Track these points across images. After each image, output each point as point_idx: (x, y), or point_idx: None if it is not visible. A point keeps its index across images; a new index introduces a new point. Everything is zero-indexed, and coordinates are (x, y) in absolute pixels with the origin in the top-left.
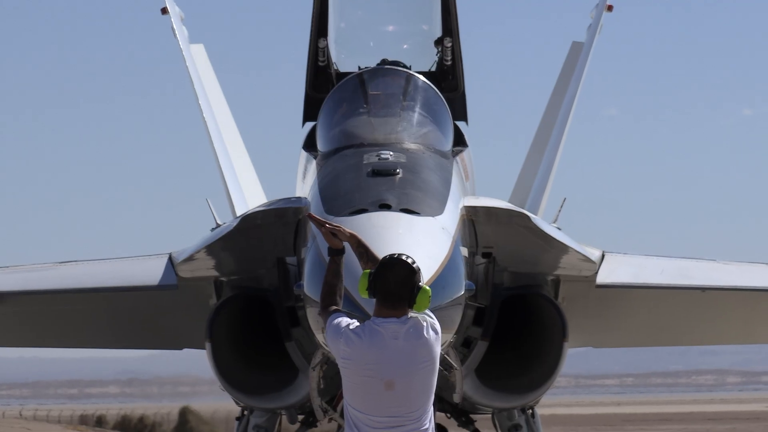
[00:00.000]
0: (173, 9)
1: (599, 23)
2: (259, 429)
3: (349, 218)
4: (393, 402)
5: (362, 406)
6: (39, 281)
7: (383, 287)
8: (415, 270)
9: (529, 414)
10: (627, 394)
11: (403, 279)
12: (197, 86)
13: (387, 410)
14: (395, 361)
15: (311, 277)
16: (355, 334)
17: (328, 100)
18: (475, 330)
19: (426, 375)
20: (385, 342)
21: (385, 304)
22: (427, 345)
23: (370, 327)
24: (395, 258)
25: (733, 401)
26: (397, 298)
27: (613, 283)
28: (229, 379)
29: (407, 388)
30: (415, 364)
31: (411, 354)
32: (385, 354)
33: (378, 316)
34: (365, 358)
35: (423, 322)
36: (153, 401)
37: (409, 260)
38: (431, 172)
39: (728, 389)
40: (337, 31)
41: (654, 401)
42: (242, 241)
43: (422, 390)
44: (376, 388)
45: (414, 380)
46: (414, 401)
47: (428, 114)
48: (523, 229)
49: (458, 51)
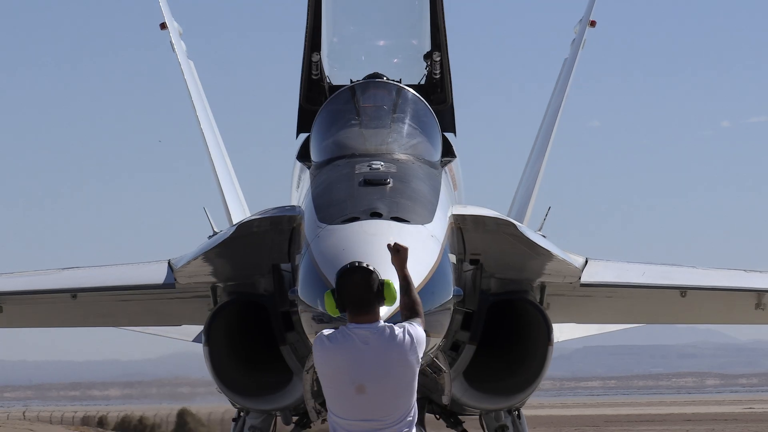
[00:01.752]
0: (172, 24)
1: (583, 38)
2: (254, 430)
3: (342, 226)
4: (366, 406)
5: (339, 410)
6: (42, 283)
7: (348, 298)
8: (372, 270)
9: (515, 415)
10: (609, 396)
11: (363, 282)
12: (195, 99)
13: (361, 414)
14: (365, 365)
15: (305, 283)
16: (328, 340)
17: (321, 112)
18: (463, 334)
19: (400, 380)
20: (355, 346)
21: (356, 312)
22: (400, 349)
23: (343, 332)
24: (348, 267)
25: (712, 403)
26: (365, 303)
27: (596, 282)
28: (225, 382)
29: (379, 393)
30: (386, 368)
31: (382, 358)
32: (355, 358)
33: (352, 323)
34: (336, 362)
35: (398, 328)
36: (152, 403)
37: (363, 264)
38: (420, 181)
39: (707, 391)
40: (329, 45)
41: (636, 402)
42: (238, 248)
43: (397, 395)
44: (348, 393)
45: (386, 385)
46: (388, 406)
47: (418, 126)
48: (510, 237)
49: (447, 65)
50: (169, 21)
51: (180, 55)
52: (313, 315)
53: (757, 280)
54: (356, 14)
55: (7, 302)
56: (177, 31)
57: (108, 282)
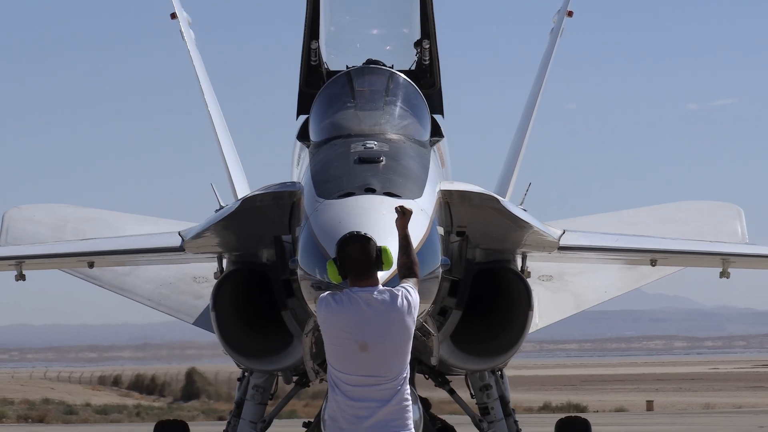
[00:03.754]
0: (181, 14)
1: (561, 27)
2: (258, 388)
3: (338, 201)
4: (368, 362)
5: (341, 366)
6: (64, 247)
7: (350, 264)
8: (369, 238)
9: (498, 375)
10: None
11: (362, 249)
12: (203, 84)
13: (362, 370)
14: (369, 325)
15: (304, 253)
16: (335, 301)
17: (320, 96)
18: (450, 300)
19: (399, 339)
20: (360, 308)
21: (357, 277)
22: (400, 312)
23: (348, 295)
24: (347, 236)
25: (680, 364)
26: (364, 268)
27: (573, 245)
28: (231, 344)
29: (381, 351)
30: (387, 328)
31: (384, 319)
32: (360, 318)
33: (354, 287)
34: (342, 322)
35: (397, 292)
36: (163, 363)
37: (361, 232)
38: (411, 159)
39: (675, 353)
40: (327, 33)
41: (609, 363)
42: (243, 221)
43: (396, 353)
44: (352, 350)
45: (387, 343)
46: (388, 363)
47: (408, 108)
48: (493, 211)
49: (435, 51)
50: (179, 11)
51: (189, 43)
52: (311, 282)
53: (723, 247)
54: (352, 5)
55: (27, 265)
56: (186, 21)
57: (123, 246)
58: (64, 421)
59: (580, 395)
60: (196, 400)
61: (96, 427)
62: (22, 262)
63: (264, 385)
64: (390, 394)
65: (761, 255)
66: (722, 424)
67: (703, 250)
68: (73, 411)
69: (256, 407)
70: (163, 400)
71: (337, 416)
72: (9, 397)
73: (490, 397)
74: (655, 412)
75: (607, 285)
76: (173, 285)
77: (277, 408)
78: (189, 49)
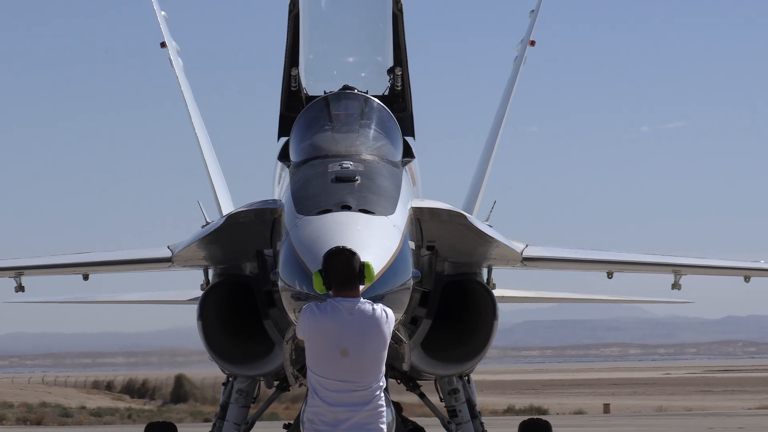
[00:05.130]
0: (170, 43)
1: (524, 55)
2: (241, 392)
3: (317, 217)
4: (347, 368)
5: (321, 371)
6: (58, 260)
7: (334, 275)
8: (354, 252)
9: (465, 380)
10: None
11: (347, 262)
12: (191, 108)
13: (342, 375)
14: (350, 332)
15: (285, 266)
16: (319, 309)
17: (299, 119)
18: (421, 310)
19: (376, 348)
20: (342, 316)
21: (340, 288)
22: (379, 322)
23: (331, 304)
24: (334, 249)
25: (634, 369)
26: (348, 281)
27: (536, 256)
28: (216, 351)
29: (359, 357)
30: (366, 336)
31: (363, 328)
32: (342, 326)
33: (338, 296)
34: (325, 329)
35: (376, 305)
36: (153, 369)
37: (347, 247)
38: (384, 179)
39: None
40: (306, 61)
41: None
42: (227, 236)
43: (373, 361)
44: (333, 355)
45: (365, 351)
46: (365, 369)
47: (382, 130)
48: (461, 227)
49: (407, 78)
50: (168, 41)
51: (177, 70)
52: (292, 294)
53: (674, 259)
54: (329, 34)
55: (25, 274)
56: (175, 49)
57: (116, 258)
58: (60, 423)
59: (542, 399)
60: (184, 404)
61: (90, 429)
62: (21, 273)
63: (247, 390)
64: (366, 398)
65: (710, 266)
66: (674, 426)
67: (656, 261)
68: (68, 413)
69: (239, 410)
70: (153, 403)
71: (315, 419)
72: (8, 400)
73: (457, 400)
74: (611, 415)
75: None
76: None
77: (260, 411)
78: (177, 76)
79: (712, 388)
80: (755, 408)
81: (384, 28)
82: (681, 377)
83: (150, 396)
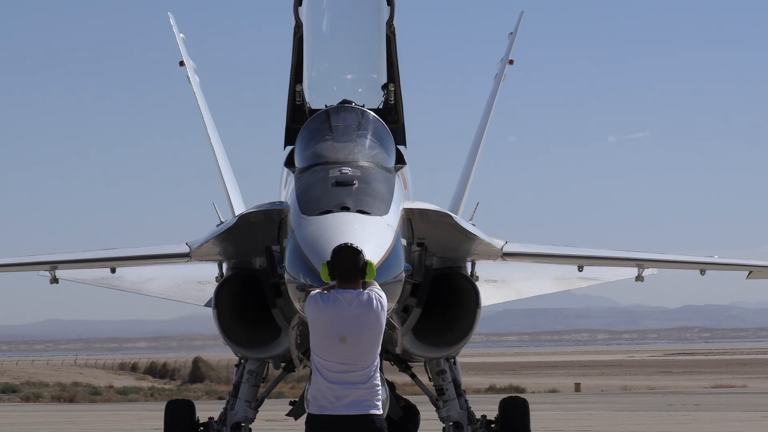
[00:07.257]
0: (188, 62)
1: (503, 73)
2: (252, 373)
3: (319, 217)
4: (345, 352)
5: (323, 354)
6: (91, 254)
7: (339, 268)
8: (359, 251)
9: (451, 362)
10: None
11: (352, 258)
12: (207, 120)
13: (341, 358)
14: (348, 321)
15: (290, 261)
16: (322, 300)
17: (303, 130)
18: (412, 300)
19: (372, 334)
20: (342, 306)
21: (343, 280)
22: (375, 312)
23: (333, 295)
24: (342, 245)
25: (602, 353)
26: (351, 275)
27: (514, 252)
28: (230, 336)
29: (357, 343)
30: (363, 325)
31: (361, 317)
32: (342, 315)
33: (339, 288)
34: (327, 317)
35: (373, 296)
36: (173, 353)
37: (354, 245)
38: (379, 183)
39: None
40: (309, 78)
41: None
42: (239, 234)
43: (369, 346)
44: (334, 341)
45: (362, 337)
46: (362, 354)
47: (377, 140)
48: (447, 225)
49: (399, 93)
50: (186, 60)
51: (195, 86)
52: (296, 285)
53: (638, 254)
54: (329, 54)
55: (59, 268)
56: (192, 68)
57: (140, 253)
58: (91, 401)
59: (520, 378)
60: (201, 383)
61: (117, 405)
62: (56, 267)
63: (257, 371)
64: (363, 378)
65: (670, 260)
66: (638, 403)
67: (622, 256)
68: (98, 392)
69: (250, 389)
70: (173, 383)
71: (318, 396)
72: (44, 380)
73: (445, 380)
74: (582, 393)
75: (542, 287)
76: (182, 286)
77: (268, 389)
78: (194, 92)
79: (671, 369)
80: (710, 387)
81: (378, 49)
82: (644, 359)
83: (170, 376)
